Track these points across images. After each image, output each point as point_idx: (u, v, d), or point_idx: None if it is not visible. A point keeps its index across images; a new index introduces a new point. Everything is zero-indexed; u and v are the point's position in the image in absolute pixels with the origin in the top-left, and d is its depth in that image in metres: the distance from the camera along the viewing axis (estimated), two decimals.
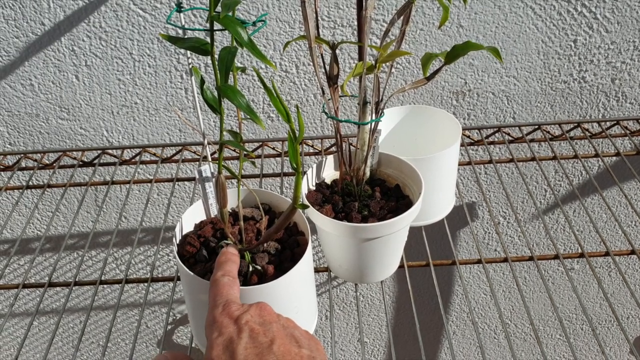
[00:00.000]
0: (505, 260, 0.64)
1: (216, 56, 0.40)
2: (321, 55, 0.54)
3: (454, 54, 0.51)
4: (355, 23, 0.79)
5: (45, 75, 0.83)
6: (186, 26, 0.65)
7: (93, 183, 0.81)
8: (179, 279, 0.62)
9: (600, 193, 0.76)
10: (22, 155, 0.85)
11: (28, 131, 0.89)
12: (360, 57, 0.53)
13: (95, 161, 0.84)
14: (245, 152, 0.45)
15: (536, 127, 0.85)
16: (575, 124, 0.87)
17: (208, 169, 0.53)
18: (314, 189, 0.60)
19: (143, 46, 0.80)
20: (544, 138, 0.84)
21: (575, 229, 1.05)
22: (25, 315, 1.14)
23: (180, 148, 0.84)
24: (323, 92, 0.54)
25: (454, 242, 1.06)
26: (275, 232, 0.48)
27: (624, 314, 1.21)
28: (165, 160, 0.84)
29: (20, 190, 0.82)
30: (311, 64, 0.69)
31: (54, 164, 0.84)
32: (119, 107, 0.86)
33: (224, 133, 0.45)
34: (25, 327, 1.15)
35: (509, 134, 0.84)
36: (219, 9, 0.37)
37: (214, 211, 0.56)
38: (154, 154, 0.85)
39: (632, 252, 0.64)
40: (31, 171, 0.86)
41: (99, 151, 0.85)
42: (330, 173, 0.62)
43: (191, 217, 0.55)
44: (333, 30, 0.80)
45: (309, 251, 0.51)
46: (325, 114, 0.55)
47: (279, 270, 0.49)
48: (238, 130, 0.50)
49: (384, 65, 0.54)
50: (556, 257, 0.64)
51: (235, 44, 0.41)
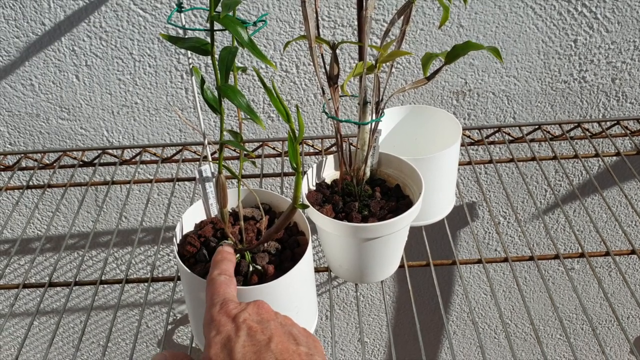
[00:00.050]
0: (506, 260, 0.64)
1: (216, 56, 0.40)
2: (321, 55, 0.54)
3: (454, 54, 0.51)
4: (356, 23, 0.79)
5: (45, 75, 0.83)
6: (186, 26, 0.65)
7: (93, 183, 0.81)
8: (179, 278, 0.62)
9: (600, 193, 0.76)
10: (23, 155, 0.85)
11: (28, 131, 0.89)
12: (361, 57, 0.53)
13: (95, 161, 0.84)
14: (245, 152, 0.45)
15: (536, 127, 0.85)
16: (576, 124, 0.87)
17: (208, 168, 0.53)
18: (314, 188, 0.60)
19: (143, 46, 0.80)
20: (544, 138, 0.84)
21: (576, 228, 1.05)
22: (26, 315, 1.14)
23: (180, 148, 0.84)
24: (323, 92, 0.54)
25: (454, 242, 1.06)
26: (276, 232, 0.48)
27: (624, 314, 1.21)
28: (166, 160, 0.84)
29: (21, 190, 0.82)
30: (311, 63, 0.69)
31: (54, 164, 0.84)
32: (119, 107, 0.86)
33: (224, 133, 0.45)
34: (26, 327, 1.15)
35: (509, 134, 0.84)
36: (219, 9, 0.37)
37: (214, 211, 0.56)
38: (154, 154, 0.85)
39: (633, 252, 0.64)
40: (31, 171, 0.86)
41: (99, 151, 0.85)
42: (330, 173, 0.62)
43: (191, 217, 0.55)
44: (333, 30, 0.80)
45: (309, 251, 0.51)
46: (326, 114, 0.55)
47: (279, 270, 0.49)
48: (238, 130, 0.50)
49: (384, 65, 0.54)
50: (556, 257, 0.64)
51: (235, 44, 0.41)
